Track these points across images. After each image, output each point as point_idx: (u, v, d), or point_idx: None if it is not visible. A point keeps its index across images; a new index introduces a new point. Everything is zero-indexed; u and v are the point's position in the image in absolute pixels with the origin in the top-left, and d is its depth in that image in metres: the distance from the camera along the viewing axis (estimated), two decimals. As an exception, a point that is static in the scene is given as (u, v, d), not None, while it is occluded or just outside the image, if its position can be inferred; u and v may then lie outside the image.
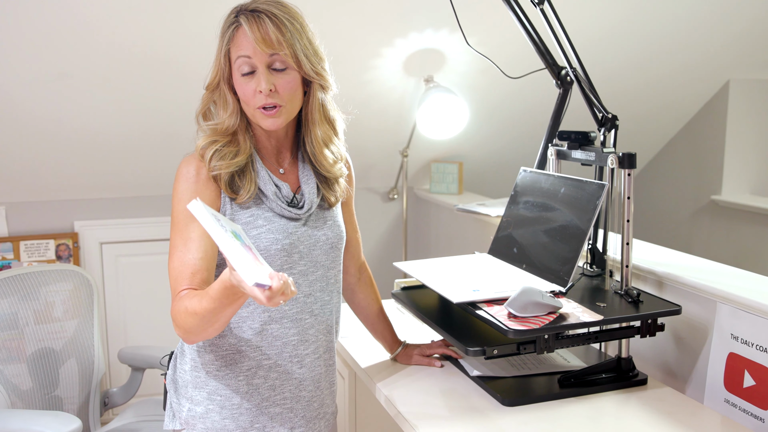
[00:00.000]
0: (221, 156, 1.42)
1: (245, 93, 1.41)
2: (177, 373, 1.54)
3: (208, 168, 1.42)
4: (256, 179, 1.46)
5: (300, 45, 1.40)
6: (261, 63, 1.39)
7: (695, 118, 3.86)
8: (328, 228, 1.55)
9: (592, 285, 1.78)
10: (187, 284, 1.35)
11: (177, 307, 1.31)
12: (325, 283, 1.54)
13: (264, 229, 1.44)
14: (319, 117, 1.49)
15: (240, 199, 1.43)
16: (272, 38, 1.37)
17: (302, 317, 1.50)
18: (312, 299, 1.52)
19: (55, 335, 2.38)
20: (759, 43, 3.40)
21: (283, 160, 1.54)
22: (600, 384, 1.67)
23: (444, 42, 2.91)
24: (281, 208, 1.46)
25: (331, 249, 1.55)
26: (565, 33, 1.78)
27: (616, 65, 3.21)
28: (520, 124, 3.51)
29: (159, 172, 3.20)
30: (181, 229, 1.39)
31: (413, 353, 1.82)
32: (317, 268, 1.52)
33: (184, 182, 1.43)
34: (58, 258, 3.25)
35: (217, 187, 1.43)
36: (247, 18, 1.38)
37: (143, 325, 3.36)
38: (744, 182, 3.76)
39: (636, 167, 1.66)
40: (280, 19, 1.38)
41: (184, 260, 1.36)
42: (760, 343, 1.53)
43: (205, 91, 1.48)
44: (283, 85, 1.41)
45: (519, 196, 1.92)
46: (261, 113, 1.42)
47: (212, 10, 1.46)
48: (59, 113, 2.76)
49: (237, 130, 1.46)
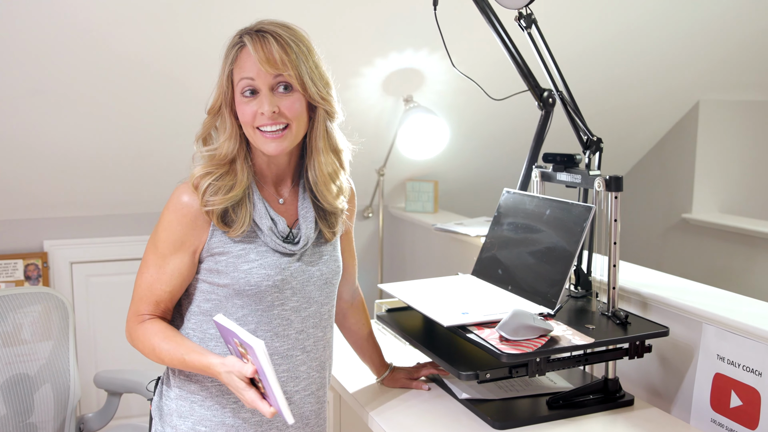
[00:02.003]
0: (215, 190, 1.37)
1: (245, 114, 1.37)
2: (162, 400, 1.50)
3: (201, 202, 1.37)
4: (251, 212, 1.41)
5: (306, 67, 1.36)
6: (264, 85, 1.35)
7: (666, 138, 3.93)
8: (324, 263, 1.49)
9: (577, 306, 1.78)
10: (150, 311, 1.42)
11: (142, 336, 1.41)
12: (318, 319, 1.50)
13: (256, 264, 1.40)
14: (323, 145, 1.44)
15: (233, 234, 1.39)
16: (276, 58, 1.33)
17: (293, 354, 1.45)
18: (304, 335, 1.47)
19: (27, 358, 2.31)
20: (728, 65, 3.48)
21: (283, 190, 1.49)
22: (588, 405, 1.67)
23: (423, 62, 2.92)
24: (276, 243, 1.42)
25: (325, 285, 1.50)
26: (551, 56, 1.80)
27: (587, 86, 3.26)
28: (496, 144, 3.54)
29: (131, 190, 3.15)
30: (158, 256, 1.40)
31: (400, 376, 1.80)
32: (310, 304, 1.47)
33: (173, 212, 1.39)
34: (27, 278, 3.17)
35: (208, 220, 1.39)
36: (251, 38, 1.34)
37: (115, 348, 3.29)
38: (714, 201, 3.84)
39: (623, 190, 1.68)
40: (286, 41, 1.34)
41: (153, 287, 1.41)
42: (746, 363, 1.55)
43: (207, 115, 1.43)
44: (287, 107, 1.36)
45: (502, 217, 1.92)
46: (262, 137, 1.37)
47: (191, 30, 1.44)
48: (29, 130, 2.70)
49: (235, 157, 1.40)
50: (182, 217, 1.38)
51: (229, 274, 1.39)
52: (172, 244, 1.38)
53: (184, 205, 1.38)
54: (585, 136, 1.81)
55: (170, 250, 1.39)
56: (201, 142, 1.44)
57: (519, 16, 1.81)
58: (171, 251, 1.39)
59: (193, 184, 1.38)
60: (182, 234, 1.38)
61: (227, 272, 1.39)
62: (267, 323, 1.42)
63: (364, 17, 2.62)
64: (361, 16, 2.61)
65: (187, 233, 1.38)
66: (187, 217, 1.38)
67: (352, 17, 2.60)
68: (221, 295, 1.41)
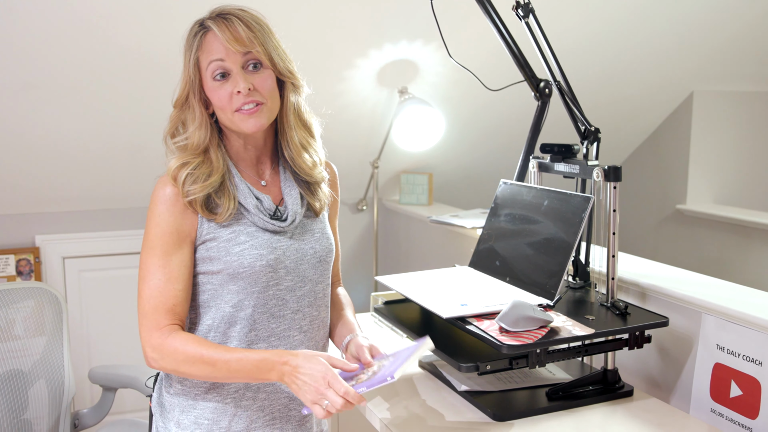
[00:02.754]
0: (194, 179, 1.37)
1: (221, 98, 1.37)
2: (163, 396, 1.49)
3: (182, 193, 1.37)
4: (235, 194, 1.40)
5: (271, 44, 1.38)
6: (235, 64, 1.36)
7: (660, 129, 3.93)
8: (316, 241, 1.49)
9: (576, 297, 1.78)
10: (170, 319, 1.35)
11: (175, 347, 1.32)
12: (314, 298, 1.49)
13: (247, 245, 1.39)
14: (294, 120, 1.46)
15: (219, 219, 1.38)
16: (243, 36, 1.35)
17: (290, 334, 1.45)
18: (300, 315, 1.47)
19: (21, 354, 2.29)
20: (722, 56, 3.48)
21: (263, 172, 1.49)
22: (587, 396, 1.67)
23: (418, 53, 2.90)
24: (264, 221, 1.41)
25: (319, 263, 1.49)
26: (549, 45, 1.78)
27: (581, 76, 3.24)
28: (491, 136, 3.53)
29: (124, 184, 3.12)
30: (159, 255, 1.37)
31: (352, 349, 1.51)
32: (305, 282, 1.47)
33: (161, 204, 1.38)
34: (18, 274, 3.14)
35: (195, 210, 1.38)
36: (215, 22, 1.36)
37: (109, 343, 3.27)
38: (708, 192, 3.84)
39: (621, 180, 1.67)
40: (248, 21, 1.37)
41: (164, 291, 1.36)
42: (746, 353, 1.55)
43: (173, 108, 1.43)
44: (260, 83, 1.38)
45: (500, 208, 1.91)
46: (240, 115, 1.37)
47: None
48: (21, 124, 2.67)
49: (208, 146, 1.41)
50: (172, 207, 1.37)
51: (222, 258, 1.38)
52: (170, 236, 1.37)
53: (171, 195, 1.38)
54: (583, 126, 1.80)
55: (170, 243, 1.37)
56: (170, 137, 1.44)
57: (516, 5, 1.80)
58: (171, 245, 1.37)
59: (171, 176, 1.38)
60: (176, 223, 1.37)
61: (220, 257, 1.38)
62: (263, 305, 1.41)
63: (359, 8, 2.60)
64: (356, 8, 2.59)
65: (180, 222, 1.37)
66: (177, 206, 1.37)
67: (346, 8, 2.58)
68: (216, 284, 1.40)
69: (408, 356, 1.32)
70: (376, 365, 1.38)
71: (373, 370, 1.36)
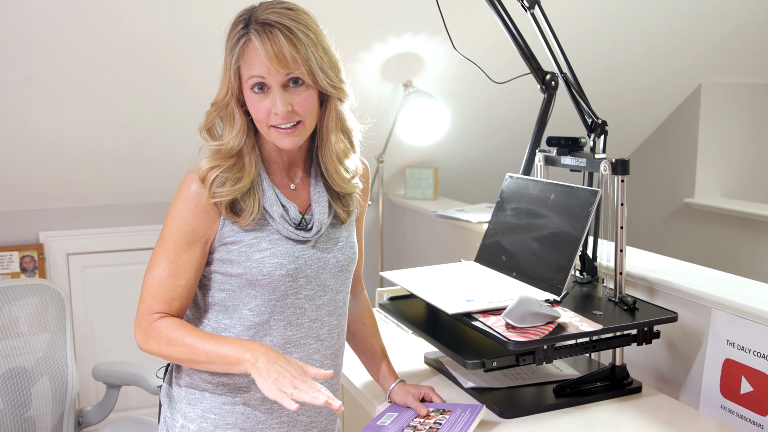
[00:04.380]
0: (223, 181, 1.33)
1: (258, 111, 1.32)
2: (172, 387, 1.47)
3: (209, 194, 1.33)
4: (261, 199, 1.37)
5: (316, 59, 1.30)
6: (276, 83, 1.29)
7: (667, 122, 3.89)
8: (339, 250, 1.45)
9: (584, 292, 1.75)
10: (164, 309, 1.36)
11: (158, 332, 1.34)
12: (333, 307, 1.46)
13: (268, 252, 1.36)
14: (334, 127, 1.40)
15: (242, 223, 1.35)
16: (287, 56, 1.27)
17: (307, 342, 1.42)
18: (319, 324, 1.43)
19: (24, 351, 2.28)
20: (730, 49, 3.44)
21: (294, 175, 1.45)
22: (595, 393, 1.65)
23: (422, 46, 2.88)
24: (288, 230, 1.38)
25: (340, 272, 1.45)
26: (555, 37, 1.76)
27: (588, 69, 3.21)
28: (497, 129, 3.50)
29: (128, 181, 3.11)
30: (170, 249, 1.36)
31: (409, 391, 1.59)
32: (325, 292, 1.44)
33: (183, 202, 1.35)
34: (23, 270, 3.14)
35: (218, 211, 1.35)
36: (258, 33, 1.27)
37: (113, 339, 3.26)
38: (716, 185, 3.81)
39: (629, 173, 1.64)
40: (294, 33, 1.28)
41: (166, 282, 1.35)
42: (757, 349, 1.52)
43: (211, 107, 1.37)
44: (300, 103, 1.31)
45: (506, 202, 1.88)
46: (276, 132, 1.33)
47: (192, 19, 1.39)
48: (25, 120, 2.66)
49: (242, 149, 1.36)
50: (194, 207, 1.35)
51: (242, 263, 1.36)
52: (185, 235, 1.35)
53: (195, 194, 1.35)
54: (590, 119, 1.77)
55: (183, 241, 1.35)
56: (206, 133, 1.39)
57: (522, -4, 1.77)
58: (184, 242, 1.35)
59: (200, 177, 1.34)
60: (194, 223, 1.35)
61: (240, 262, 1.36)
62: (280, 312, 1.39)
63: (363, 1, 2.57)
64: (360, 1, 2.57)
65: (199, 222, 1.35)
66: (198, 206, 1.35)
67: (350, 1, 2.56)
68: (235, 285, 1.38)
69: (468, 426, 1.45)
70: (432, 420, 1.50)
71: (431, 426, 1.47)
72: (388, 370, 1.64)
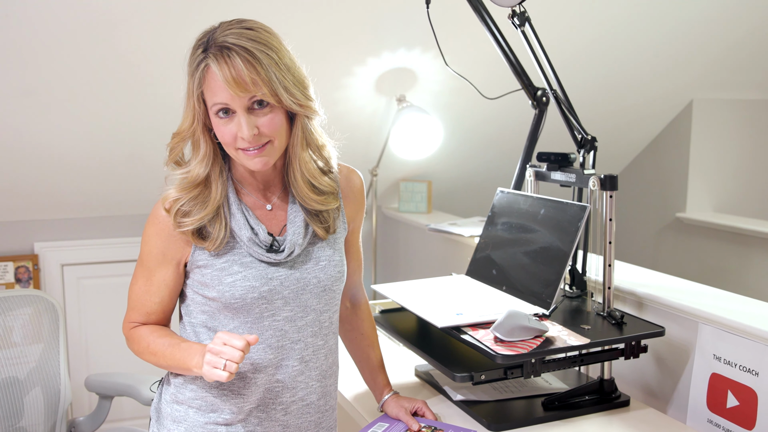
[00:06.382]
0: (187, 211, 1.33)
1: (225, 135, 1.29)
2: (161, 402, 1.48)
3: (174, 224, 1.34)
4: (228, 223, 1.35)
5: (278, 78, 1.25)
6: (239, 107, 1.26)
7: (659, 137, 3.92)
8: (321, 269, 1.41)
9: (572, 307, 1.77)
10: (141, 320, 1.43)
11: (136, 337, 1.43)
12: (318, 328, 1.42)
13: (240, 276, 1.34)
14: (303, 145, 1.36)
15: (210, 248, 1.34)
16: (246, 80, 1.23)
17: (289, 364, 1.39)
18: (302, 345, 1.40)
19: (17, 362, 2.28)
20: (722, 64, 3.47)
21: (271, 196, 1.42)
22: (583, 406, 1.66)
23: (416, 61, 2.90)
24: (258, 254, 1.36)
25: (323, 292, 1.41)
26: (545, 54, 1.78)
27: (580, 84, 3.24)
28: (490, 144, 3.52)
29: (123, 192, 3.12)
30: (144, 268, 1.41)
31: (403, 405, 1.61)
32: (307, 312, 1.40)
33: (152, 226, 1.38)
34: (17, 281, 3.14)
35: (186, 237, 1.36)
36: (215, 58, 1.24)
37: (107, 350, 3.26)
38: (708, 200, 3.83)
39: (617, 189, 1.67)
40: (253, 54, 1.23)
41: (143, 298, 1.42)
42: (743, 363, 1.54)
43: (173, 138, 1.35)
44: (266, 124, 1.28)
45: (496, 216, 1.90)
46: (245, 154, 1.30)
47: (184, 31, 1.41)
48: (20, 130, 2.67)
49: (209, 175, 1.34)
50: (161, 231, 1.37)
51: (215, 287, 1.35)
52: (155, 257, 1.38)
53: (162, 220, 1.36)
54: (579, 135, 1.79)
55: (154, 262, 1.39)
56: (174, 164, 1.37)
57: (512, 14, 1.80)
58: (155, 264, 1.39)
59: (165, 208, 1.35)
60: (163, 247, 1.37)
61: (213, 285, 1.36)
62: (259, 335, 1.37)
63: (356, 16, 2.60)
64: (353, 15, 2.59)
65: (168, 246, 1.37)
66: (165, 231, 1.36)
67: (344, 16, 2.58)
68: (213, 308, 1.38)
69: None
70: None
71: None
72: (383, 381, 1.64)
